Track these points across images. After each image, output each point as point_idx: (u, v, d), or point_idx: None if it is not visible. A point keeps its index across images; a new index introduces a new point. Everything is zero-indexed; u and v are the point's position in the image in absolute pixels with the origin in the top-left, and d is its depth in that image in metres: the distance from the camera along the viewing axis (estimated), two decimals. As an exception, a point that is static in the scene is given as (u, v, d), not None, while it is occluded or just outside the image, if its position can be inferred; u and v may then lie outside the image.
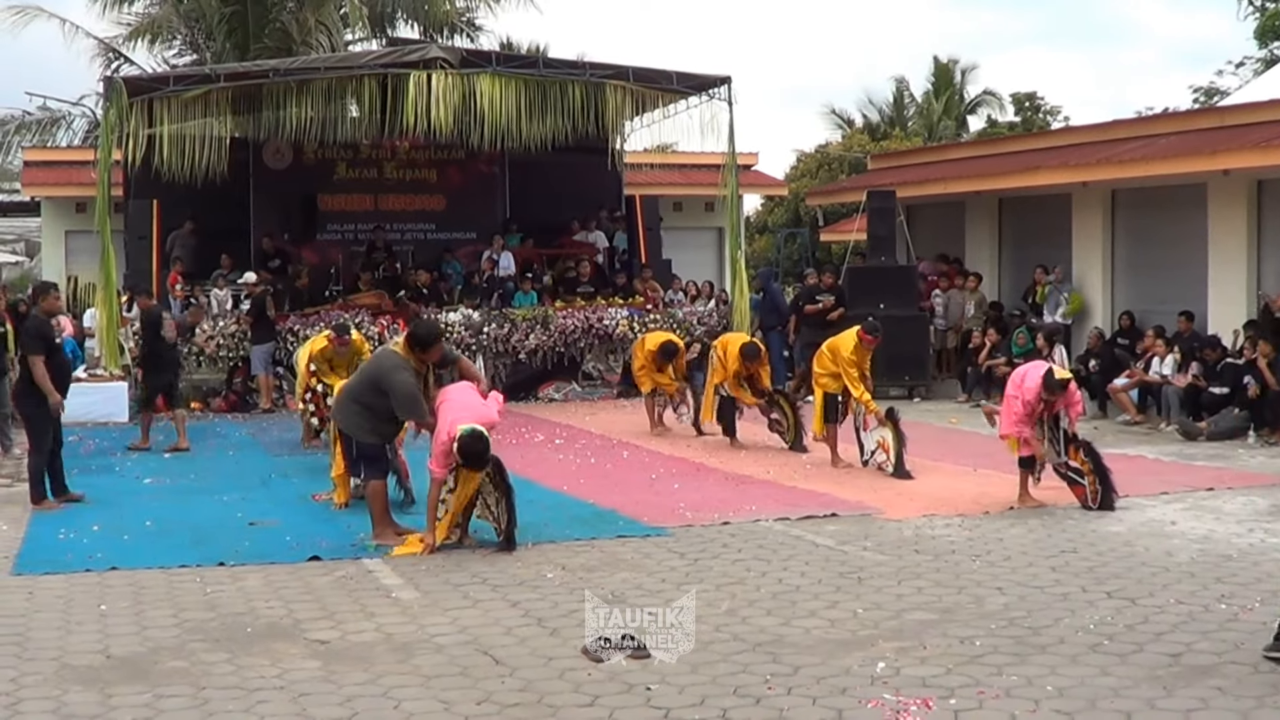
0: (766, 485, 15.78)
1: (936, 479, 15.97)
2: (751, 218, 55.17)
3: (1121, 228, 25.64)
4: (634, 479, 16.34)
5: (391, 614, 9.95)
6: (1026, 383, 14.05)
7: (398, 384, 12.35)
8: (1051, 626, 9.41)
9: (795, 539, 12.53)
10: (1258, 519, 13.38)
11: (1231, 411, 19.81)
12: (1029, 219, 28.14)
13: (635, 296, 27.30)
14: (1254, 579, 10.84)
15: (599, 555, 11.90)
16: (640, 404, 21.28)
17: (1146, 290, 24.90)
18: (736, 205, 27.51)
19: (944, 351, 27.31)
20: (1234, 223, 22.78)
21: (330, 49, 33.98)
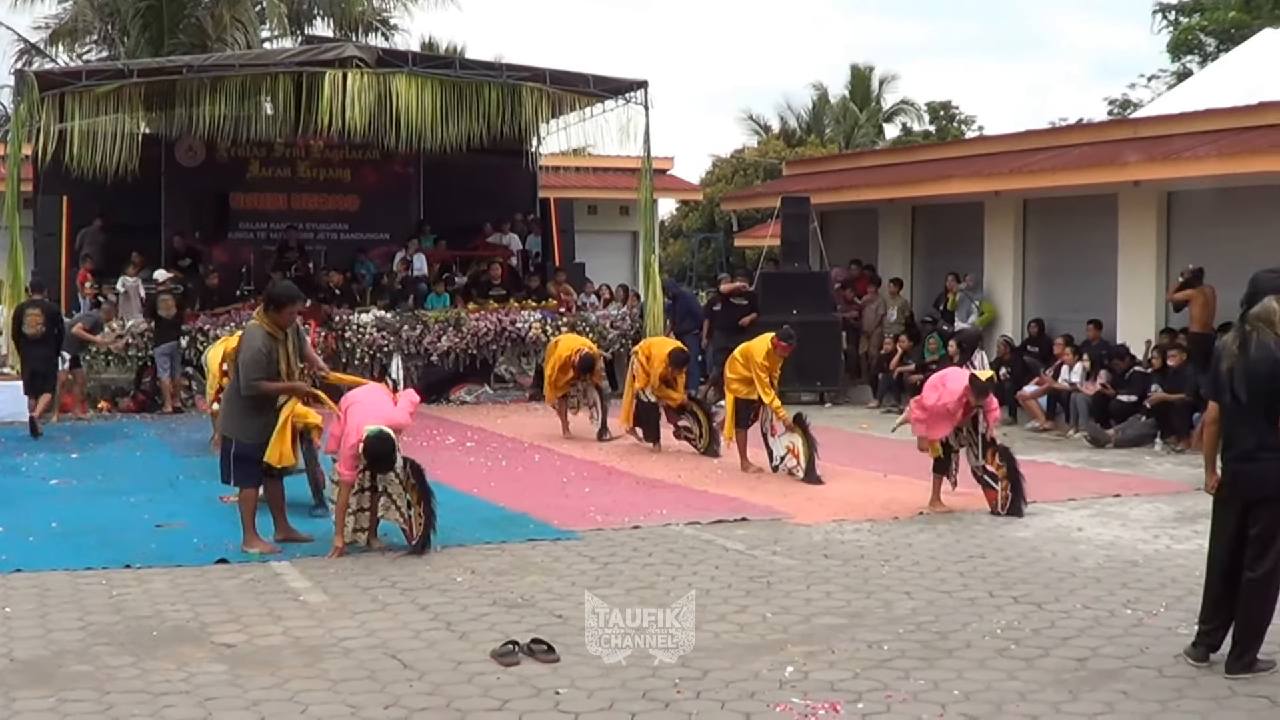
0: (677, 489, 15.79)
1: (847, 484, 16.04)
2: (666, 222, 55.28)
3: (1033, 237, 25.84)
4: (545, 482, 16.31)
5: (299, 617, 9.88)
6: (949, 384, 14.13)
7: (244, 348, 12.11)
8: (959, 631, 9.47)
9: (705, 543, 12.54)
10: (1163, 525, 13.51)
11: (1139, 419, 20.02)
12: (941, 227, 28.32)
13: (548, 300, 27.26)
14: (1159, 584, 10.95)
15: (509, 559, 11.87)
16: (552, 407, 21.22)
17: (1057, 298, 25.09)
18: (651, 209, 27.53)
19: (860, 357, 27.40)
20: (1144, 233, 23.00)
21: (245, 46, 33.72)
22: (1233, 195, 21.46)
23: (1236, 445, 8.42)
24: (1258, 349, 8.31)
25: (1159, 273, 22.82)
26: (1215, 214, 22.03)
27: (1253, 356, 8.31)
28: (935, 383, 14.40)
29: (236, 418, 12.35)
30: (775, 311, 24.12)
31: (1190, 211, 22.64)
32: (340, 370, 24.01)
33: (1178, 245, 22.75)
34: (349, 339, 24.98)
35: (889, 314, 27.03)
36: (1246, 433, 8.35)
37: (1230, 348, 8.46)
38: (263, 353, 12.07)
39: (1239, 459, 8.40)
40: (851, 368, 27.13)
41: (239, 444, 12.31)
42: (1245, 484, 8.38)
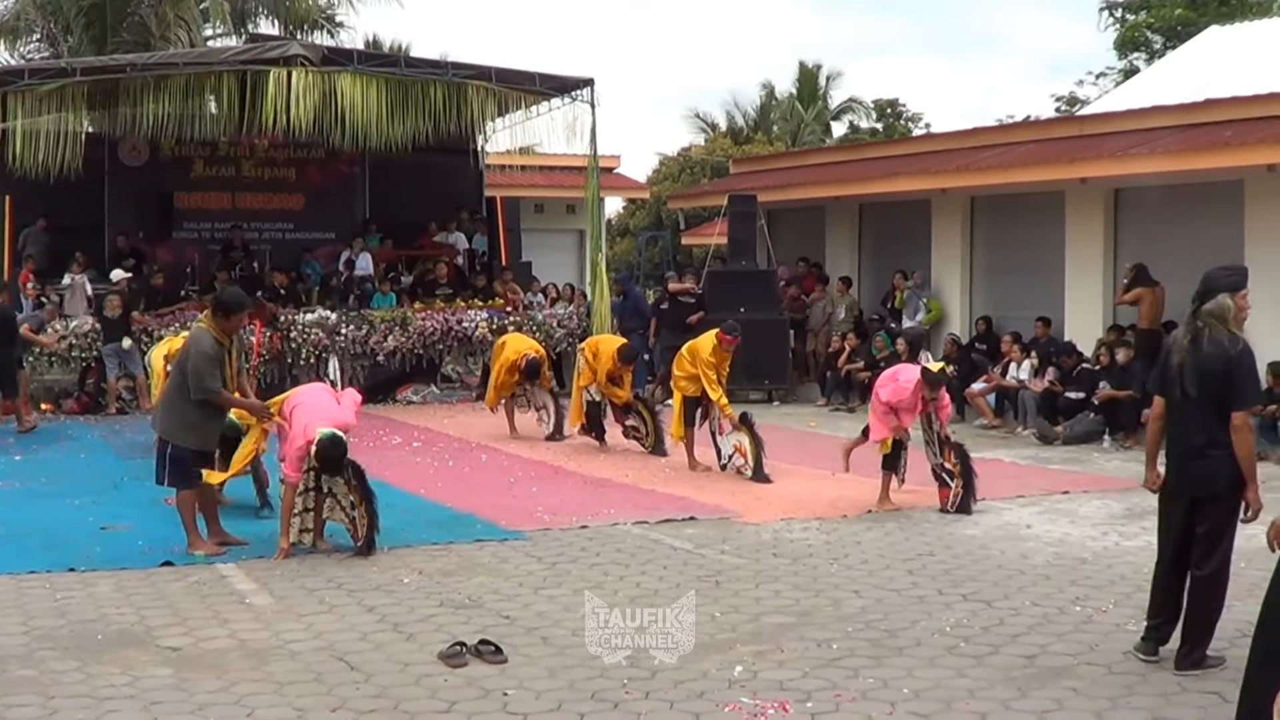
0: (625, 489, 15.78)
1: (795, 482, 16.06)
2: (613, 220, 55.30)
3: (980, 234, 25.93)
4: (492, 482, 16.28)
5: (245, 620, 9.82)
6: (901, 379, 14.16)
7: (193, 355, 11.98)
8: (908, 629, 9.49)
9: (654, 543, 12.53)
10: (1112, 522, 13.57)
11: (1087, 416, 20.11)
12: (889, 225, 28.38)
13: (495, 299, 27.18)
14: (1108, 581, 11.00)
15: (456, 559, 11.84)
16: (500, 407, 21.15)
17: (1004, 296, 25.19)
18: (598, 208, 27.53)
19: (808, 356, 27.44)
20: (1091, 230, 23.10)
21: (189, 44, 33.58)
22: (1180, 192, 21.59)
23: (1185, 441, 8.42)
24: (1210, 345, 8.32)
25: (1106, 270, 22.93)
26: (1162, 211, 22.15)
27: (1204, 352, 8.31)
28: (886, 380, 14.44)
29: (176, 421, 12.22)
30: (722, 310, 24.10)
31: (1137, 209, 22.76)
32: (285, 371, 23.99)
33: (1125, 242, 22.86)
34: (294, 339, 24.86)
35: (836, 312, 27.07)
36: (1195, 429, 8.35)
37: (1181, 343, 8.45)
38: (214, 360, 11.99)
39: (1187, 455, 8.40)
40: (799, 366, 27.17)
41: (175, 447, 12.20)
42: (1193, 481, 8.38)
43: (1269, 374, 18.25)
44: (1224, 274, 8.59)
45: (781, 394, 25.97)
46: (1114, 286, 22.64)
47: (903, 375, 14.29)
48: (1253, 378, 8.52)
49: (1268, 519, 7.27)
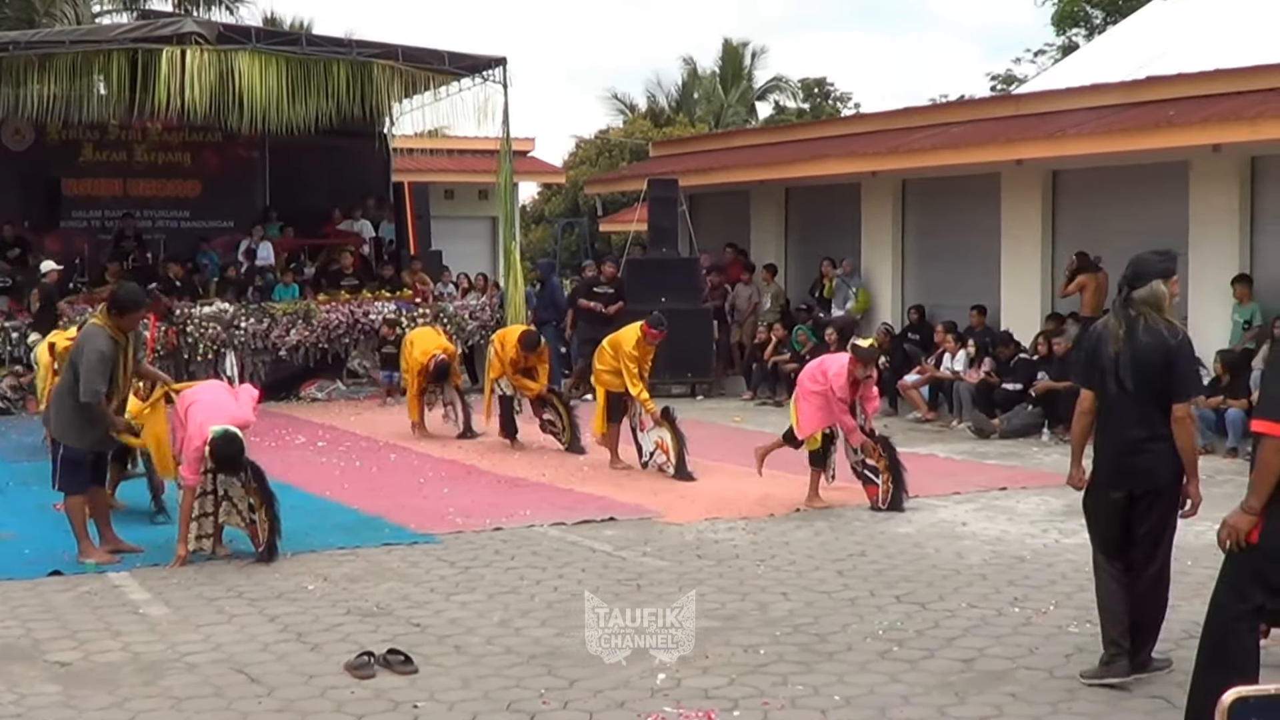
0: (541, 488, 15.76)
1: (719, 480, 16.09)
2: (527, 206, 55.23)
3: (912, 219, 26.05)
4: (401, 483, 16.23)
5: (139, 632, 9.74)
6: (831, 371, 14.18)
7: (85, 354, 11.82)
8: (839, 633, 9.51)
9: (571, 545, 12.53)
10: (1051, 519, 13.66)
11: (1025, 408, 20.23)
12: (816, 210, 28.46)
13: (403, 289, 27.09)
14: (1048, 581, 11.06)
15: (363, 564, 11.79)
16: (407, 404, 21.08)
17: (938, 284, 25.30)
18: (511, 193, 27.46)
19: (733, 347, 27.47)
20: (1028, 214, 23.23)
21: (76, 21, 33.30)
22: (1121, 174, 21.73)
23: (1122, 436, 8.34)
24: (1147, 335, 8.25)
25: (1044, 255, 23.06)
26: (1103, 194, 22.31)
27: (1142, 343, 8.23)
28: (813, 372, 14.45)
29: (67, 419, 12.08)
30: (643, 300, 24.13)
31: (1077, 192, 22.91)
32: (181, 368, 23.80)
33: (1064, 227, 23.01)
34: (190, 334, 24.68)
35: (762, 301, 27.13)
36: (1134, 423, 8.29)
37: (1115, 332, 8.37)
38: (108, 360, 11.84)
39: (1126, 451, 8.30)
40: (724, 358, 27.21)
41: (68, 447, 12.09)
42: (1133, 476, 8.33)
43: (1217, 363, 18.42)
44: (1156, 259, 8.52)
45: (705, 388, 26.02)
46: (1052, 273, 22.79)
47: (831, 365, 14.32)
48: (1193, 368, 8.55)
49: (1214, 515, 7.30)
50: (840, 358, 14.45)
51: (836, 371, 14.13)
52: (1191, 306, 20.04)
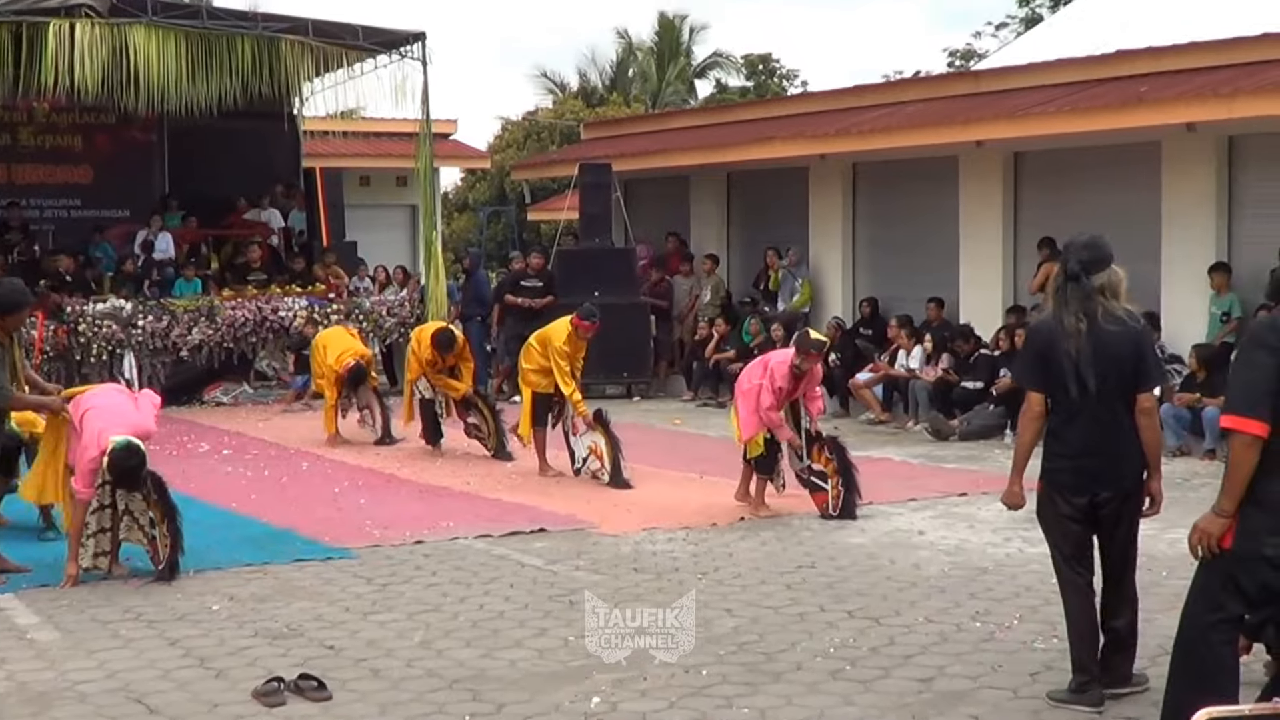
0: (466, 498, 15.73)
1: (658, 488, 16.08)
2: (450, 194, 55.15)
3: (864, 205, 26.09)
4: (314, 493, 16.18)
5: (26, 659, 9.65)
6: (774, 359, 14.19)
7: None
8: (787, 651, 9.51)
9: (499, 559, 12.50)
10: (1015, 527, 13.66)
11: (986, 408, 20.29)
12: (761, 196, 28.47)
13: (315, 284, 27.00)
14: (1011, 593, 11.09)
15: (273, 583, 11.73)
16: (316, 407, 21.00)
17: (892, 275, 25.35)
18: (431, 180, 27.41)
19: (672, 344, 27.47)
20: (988, 199, 23.30)
21: (-48, -6, 32.99)
22: (1089, 156, 21.78)
23: (1087, 439, 8.22)
24: (1111, 323, 8.14)
25: (1006, 244, 23.13)
26: (1070, 177, 22.35)
27: (1108, 333, 8.13)
28: (754, 367, 14.48)
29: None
30: (574, 294, 24.07)
31: (1041, 175, 22.97)
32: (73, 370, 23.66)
33: (1027, 213, 23.06)
34: (83, 333, 24.49)
35: (703, 295, 27.14)
36: (1100, 424, 8.15)
37: (1073, 327, 8.20)
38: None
39: (1092, 454, 8.23)
40: (663, 356, 27.20)
41: None
42: (1101, 480, 8.23)
43: (1192, 358, 18.50)
44: (1107, 242, 8.41)
45: (643, 388, 26.02)
46: (1015, 262, 22.87)
47: (774, 359, 14.32)
48: (1156, 356, 8.58)
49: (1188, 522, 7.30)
50: (784, 353, 14.44)
51: (779, 361, 14.13)
52: (1166, 297, 20.14)
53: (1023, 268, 22.60)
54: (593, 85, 60.11)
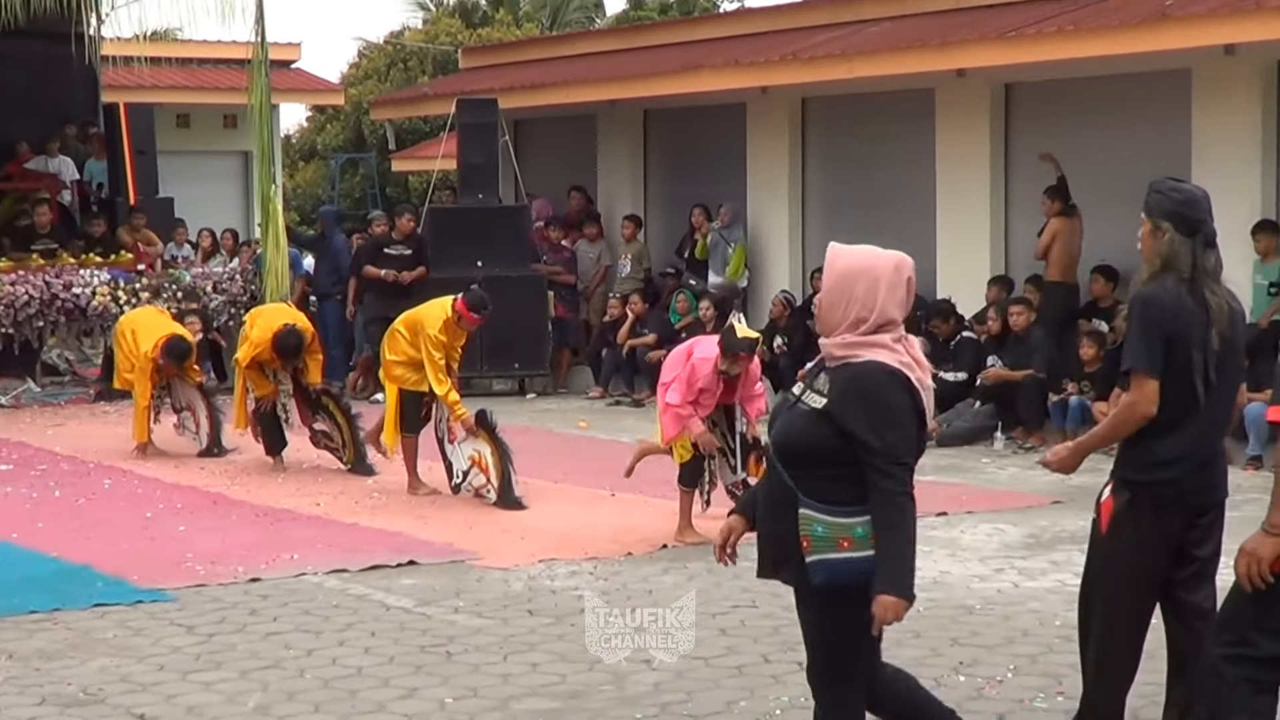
0: (315, 523, 15.71)
1: (559, 508, 16.08)
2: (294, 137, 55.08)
3: (816, 151, 26.14)
4: (120, 519, 16.10)
5: None
6: (698, 353, 14.15)
7: None
8: (722, 713, 9.52)
9: (357, 600, 12.48)
10: (1008, 555, 13.75)
11: (971, 405, 20.35)
12: (687, 140, 28.51)
13: (121, 253, 26.86)
14: (1004, 639, 11.12)
15: (65, 634, 11.63)
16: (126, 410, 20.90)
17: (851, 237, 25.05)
18: (269, 119, 27.27)
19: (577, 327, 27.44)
20: (972, 141, 23.32)
21: None
22: (1101, 88, 21.87)
23: (1198, 445, 8.00)
24: (1234, 302, 8.03)
25: (995, 198, 23.13)
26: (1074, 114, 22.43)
27: (1237, 315, 8.07)
28: (678, 356, 14.45)
29: None
30: (451, 264, 24.09)
31: (1037, 111, 23.07)
32: None
33: (1020, 158, 23.08)
34: None
35: (617, 265, 27.11)
36: (1220, 425, 8.14)
37: (1221, 308, 7.98)
38: None
39: (1204, 464, 8.05)
40: (565, 342, 27.19)
41: None
42: (1205, 498, 8.06)
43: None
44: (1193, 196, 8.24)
45: (539, 383, 26.03)
46: (1006, 220, 22.93)
47: (700, 349, 14.30)
48: None
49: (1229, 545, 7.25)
50: (712, 341, 14.41)
51: (702, 358, 14.09)
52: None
53: (1016, 228, 22.70)
54: (473, 1, 60.08)
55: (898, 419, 6.82)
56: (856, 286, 6.83)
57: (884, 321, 6.85)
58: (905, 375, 6.84)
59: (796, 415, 7.02)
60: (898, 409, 6.83)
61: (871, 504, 6.86)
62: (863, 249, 7.07)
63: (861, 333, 6.84)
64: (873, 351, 6.79)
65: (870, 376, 6.79)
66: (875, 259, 6.94)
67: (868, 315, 6.83)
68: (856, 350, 6.80)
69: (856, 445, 6.76)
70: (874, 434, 6.73)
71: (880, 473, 6.78)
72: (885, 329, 6.85)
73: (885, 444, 6.75)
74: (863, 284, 6.84)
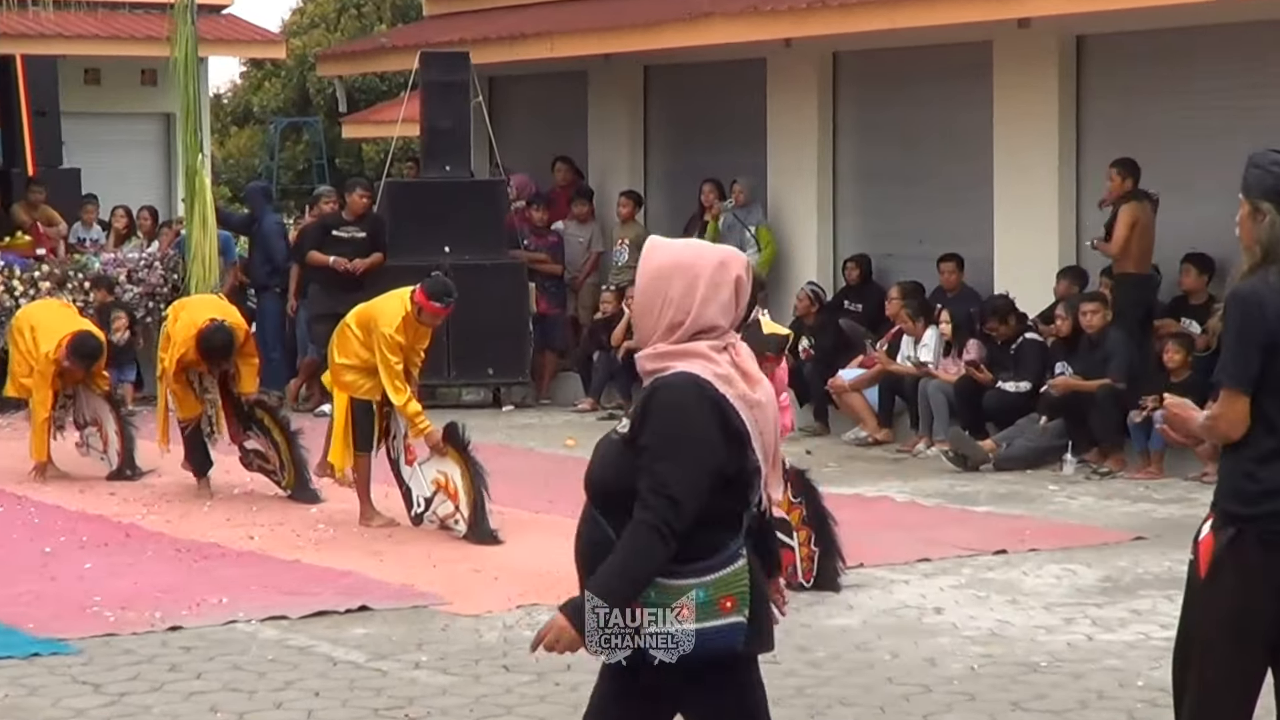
0: (248, 560, 15.70)
1: (541, 543, 15.94)
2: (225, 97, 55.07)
3: (849, 116, 26.11)
4: (14, 555, 16.12)
5: None
6: None
7: None
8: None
9: (299, 652, 12.48)
10: (1081, 601, 13.71)
11: (1036, 421, 20.27)
12: (696, 102, 28.51)
13: (16, 234, 26.86)
14: (1077, 703, 11.10)
15: (-53, 692, 11.65)
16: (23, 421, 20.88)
17: (891, 220, 25.37)
18: (195, 75, 27.27)
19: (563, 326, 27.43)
20: (1037, 105, 23.21)
21: None
22: (1190, 40, 21.83)
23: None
24: None
25: (1064, 172, 23.04)
26: (1160, 72, 22.42)
27: None
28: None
29: None
30: (413, 249, 24.11)
31: (1114, 69, 23.03)
32: None
33: (1093, 123, 23.05)
34: None
35: (612, 253, 27.08)
36: None
37: None
38: None
39: None
40: (549, 344, 27.18)
41: None
42: None
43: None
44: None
45: (518, 393, 26.00)
46: (1078, 199, 22.89)
47: None
48: None
49: None
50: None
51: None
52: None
53: (1090, 208, 22.57)
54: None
55: (680, 446, 6.57)
56: (672, 286, 6.69)
57: (703, 327, 6.69)
58: (716, 390, 6.60)
59: (609, 446, 6.95)
60: (689, 433, 6.58)
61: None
62: (684, 243, 7.02)
63: (675, 340, 6.71)
64: (686, 361, 6.63)
65: (668, 392, 6.62)
66: (696, 254, 6.81)
67: (683, 319, 6.69)
68: (669, 361, 6.65)
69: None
70: (651, 453, 6.57)
71: (640, 498, 6.56)
72: (704, 335, 6.69)
73: (659, 468, 6.52)
74: (679, 283, 6.71)
